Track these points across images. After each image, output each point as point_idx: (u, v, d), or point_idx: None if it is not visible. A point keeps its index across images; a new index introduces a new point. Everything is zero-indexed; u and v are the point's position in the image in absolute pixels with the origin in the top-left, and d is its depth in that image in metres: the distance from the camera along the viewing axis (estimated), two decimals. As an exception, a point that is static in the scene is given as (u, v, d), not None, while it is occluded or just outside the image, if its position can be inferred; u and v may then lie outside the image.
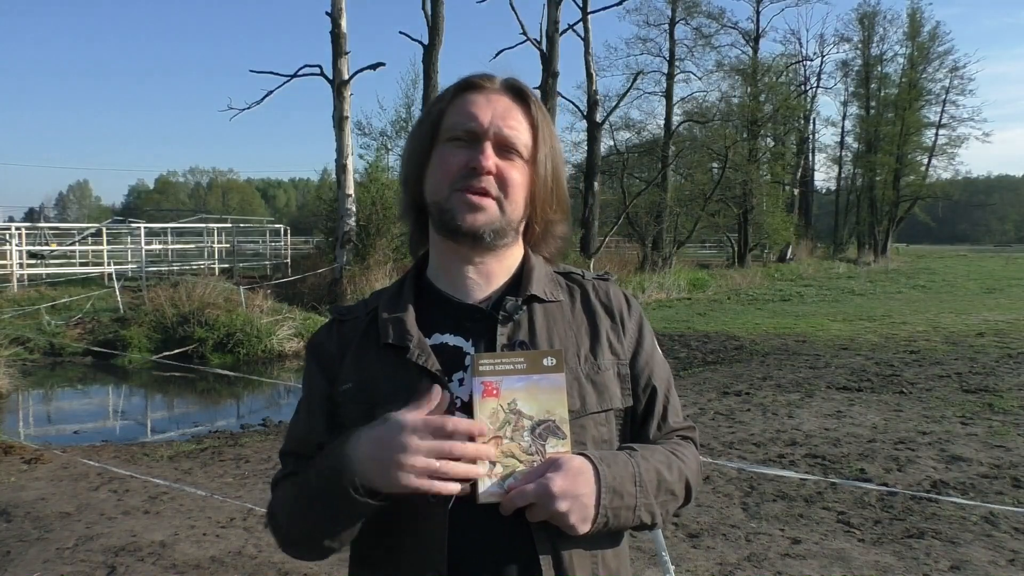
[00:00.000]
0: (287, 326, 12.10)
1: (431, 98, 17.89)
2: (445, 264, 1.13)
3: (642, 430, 1.15)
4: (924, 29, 41.74)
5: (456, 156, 1.07)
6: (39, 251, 20.25)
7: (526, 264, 1.15)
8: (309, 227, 31.58)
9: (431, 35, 17.56)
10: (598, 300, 1.17)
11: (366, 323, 1.13)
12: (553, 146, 1.13)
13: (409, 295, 1.13)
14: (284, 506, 1.08)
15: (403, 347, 1.06)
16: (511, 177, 1.08)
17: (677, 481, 1.10)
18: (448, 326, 1.10)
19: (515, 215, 1.10)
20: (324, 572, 3.70)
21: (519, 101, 1.12)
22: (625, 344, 1.15)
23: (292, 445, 1.15)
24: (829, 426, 6.40)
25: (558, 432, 1.00)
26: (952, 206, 55.82)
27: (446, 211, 1.07)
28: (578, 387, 1.07)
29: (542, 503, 0.95)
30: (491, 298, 1.12)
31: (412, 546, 1.00)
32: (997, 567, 3.61)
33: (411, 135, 1.17)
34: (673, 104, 30.90)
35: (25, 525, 4.36)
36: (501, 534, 0.99)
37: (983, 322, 13.33)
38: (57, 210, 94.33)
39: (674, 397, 1.20)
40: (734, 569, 3.66)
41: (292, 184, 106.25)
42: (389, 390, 1.05)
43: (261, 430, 7.10)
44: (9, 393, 8.93)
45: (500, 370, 0.99)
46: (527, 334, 1.08)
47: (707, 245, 40.73)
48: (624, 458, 1.04)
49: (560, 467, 0.97)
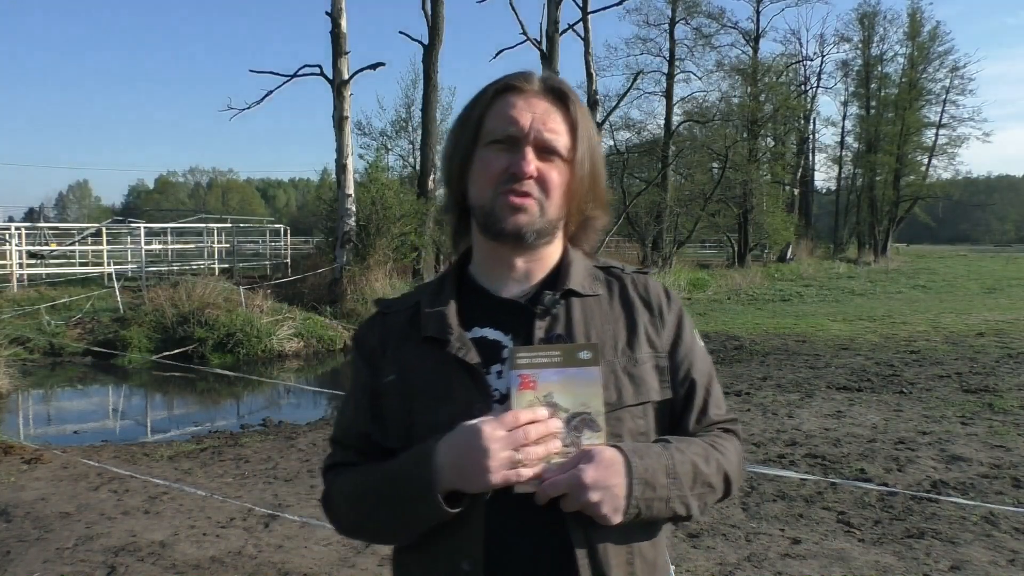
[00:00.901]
0: (287, 326, 12.10)
1: (432, 98, 18.04)
2: (487, 261, 1.17)
3: (681, 422, 1.17)
4: (924, 29, 41.78)
5: (498, 160, 1.10)
6: (39, 251, 20.25)
7: (565, 259, 1.18)
8: (309, 227, 31.60)
9: (431, 35, 17.56)
10: (636, 294, 1.19)
11: (408, 316, 1.17)
12: (591, 143, 1.15)
13: (451, 289, 1.17)
14: (346, 499, 1.14)
15: (443, 340, 1.10)
16: (551, 178, 1.11)
17: (715, 473, 1.11)
18: (487, 320, 1.13)
19: (556, 215, 1.13)
20: (324, 572, 3.70)
21: (558, 102, 1.14)
22: (664, 337, 1.17)
23: (340, 433, 1.21)
24: (829, 426, 6.40)
25: (593, 424, 1.02)
26: (952, 206, 55.80)
27: (489, 214, 1.11)
28: (615, 380, 1.08)
29: (574, 493, 0.98)
30: (530, 292, 1.15)
31: (451, 533, 1.03)
32: (997, 567, 3.61)
33: (451, 136, 1.19)
34: (673, 104, 30.92)
35: (25, 525, 4.36)
36: (536, 523, 1.02)
37: (983, 322, 13.33)
38: (57, 210, 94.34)
39: (716, 389, 1.20)
40: (734, 569, 3.65)
41: (292, 184, 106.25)
42: (429, 382, 1.09)
43: (261, 430, 7.10)
44: (9, 393, 8.93)
45: (537, 363, 1.01)
46: (564, 328, 1.10)
47: (707, 245, 40.73)
48: (658, 450, 1.06)
49: (592, 458, 0.99)
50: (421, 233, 16.73)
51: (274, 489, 5.05)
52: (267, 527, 4.30)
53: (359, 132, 27.27)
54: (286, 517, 4.43)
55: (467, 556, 1.02)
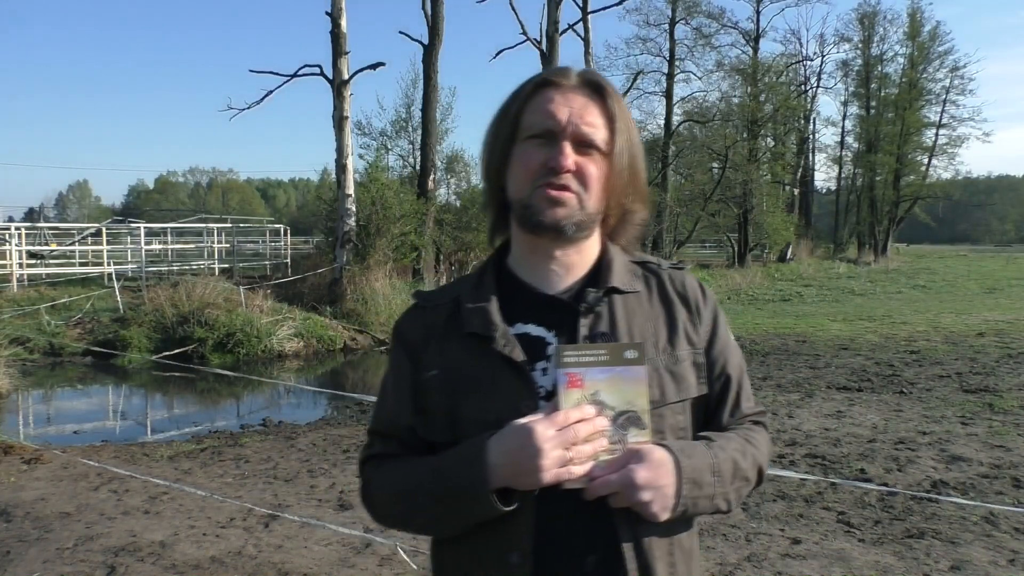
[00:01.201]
0: (287, 326, 12.10)
1: (432, 98, 18.04)
2: (527, 256, 1.17)
3: (715, 416, 1.19)
4: (924, 29, 41.72)
5: (536, 155, 1.11)
6: (39, 251, 20.24)
7: (605, 255, 1.18)
8: (309, 227, 31.62)
9: (431, 35, 17.56)
10: (674, 290, 1.20)
11: (449, 311, 1.17)
12: (630, 136, 1.16)
13: (491, 284, 1.17)
14: (390, 492, 1.15)
15: (487, 336, 1.10)
16: (589, 172, 1.11)
17: (751, 468, 1.14)
18: (530, 316, 1.13)
19: (594, 208, 1.13)
20: (324, 572, 3.70)
21: (595, 95, 1.14)
22: (701, 333, 1.18)
23: (381, 425, 1.21)
24: (829, 426, 6.40)
25: (639, 423, 1.03)
26: (952, 206, 55.80)
27: (528, 207, 1.11)
28: (657, 378, 1.10)
29: (625, 492, 1.00)
30: (572, 289, 1.15)
31: (500, 525, 1.04)
32: (997, 567, 3.61)
33: (490, 131, 1.19)
34: (673, 104, 30.94)
35: (25, 525, 4.36)
36: (584, 518, 1.04)
37: (983, 322, 13.33)
38: (57, 210, 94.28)
39: (746, 383, 1.23)
40: (734, 569, 3.65)
41: (292, 184, 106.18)
42: (473, 378, 1.09)
43: (261, 430, 7.10)
44: (9, 393, 8.93)
45: (584, 362, 1.02)
46: (608, 325, 1.11)
47: (707, 245, 40.73)
48: (703, 449, 1.09)
49: (643, 459, 1.01)
50: (421, 233, 16.73)
51: (274, 489, 5.05)
52: (267, 527, 4.30)
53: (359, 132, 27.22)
54: (286, 517, 4.43)
55: (516, 548, 1.04)
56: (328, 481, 5.21)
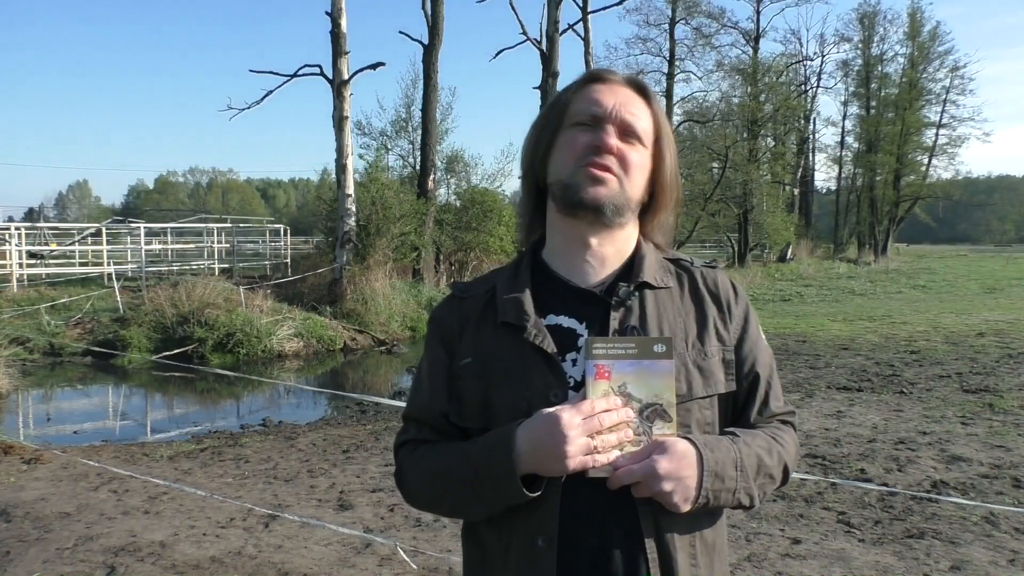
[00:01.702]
0: (287, 326, 12.10)
1: (432, 98, 18.04)
2: (562, 245, 1.19)
3: (743, 414, 1.21)
4: (924, 29, 41.77)
5: (582, 137, 1.14)
6: (39, 251, 20.24)
7: (638, 251, 1.21)
8: (309, 227, 31.59)
9: (431, 35, 17.56)
10: (705, 288, 1.22)
11: (485, 301, 1.20)
12: (672, 139, 1.22)
13: (526, 275, 1.20)
14: (423, 476, 1.17)
15: (520, 327, 1.13)
16: (631, 158, 1.15)
17: (776, 465, 1.16)
18: (562, 308, 1.16)
19: (634, 194, 1.17)
20: (324, 572, 3.70)
21: (641, 94, 1.19)
22: (731, 331, 1.20)
23: (416, 412, 1.23)
24: (829, 426, 6.40)
25: (665, 415, 1.05)
26: (952, 206, 55.79)
27: (569, 186, 1.14)
28: (685, 372, 1.12)
29: (648, 482, 1.02)
30: (605, 282, 1.17)
31: (528, 510, 1.06)
32: (997, 567, 3.61)
33: (535, 124, 1.23)
34: (673, 104, 30.91)
35: (25, 525, 4.36)
36: (607, 507, 1.06)
37: (983, 322, 13.33)
38: (57, 210, 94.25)
39: (776, 383, 1.24)
40: (734, 569, 3.65)
41: (292, 184, 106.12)
42: (506, 367, 1.12)
43: (261, 430, 7.10)
44: (9, 393, 8.93)
45: (612, 354, 1.05)
46: (638, 319, 1.13)
47: (707, 245, 40.68)
48: (727, 443, 1.10)
49: (666, 450, 1.03)
50: (421, 233, 16.73)
51: (274, 489, 5.05)
52: (267, 527, 4.30)
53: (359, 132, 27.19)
54: (286, 517, 4.43)
55: (542, 533, 1.06)
56: (328, 481, 5.21)
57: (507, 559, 1.11)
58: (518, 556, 1.09)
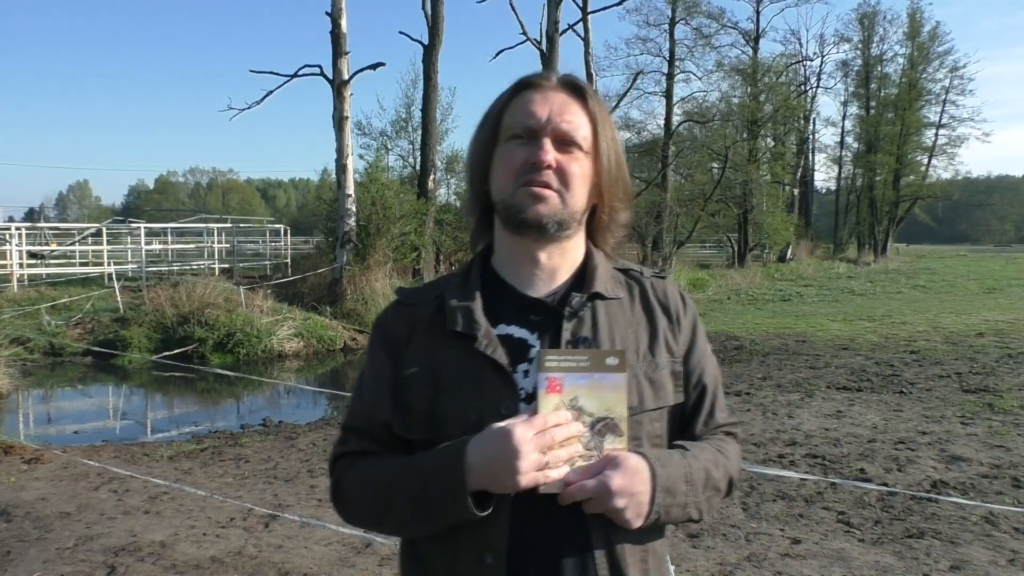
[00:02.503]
0: (287, 326, 12.10)
1: (432, 98, 18.04)
2: (511, 257, 1.17)
3: (690, 425, 1.20)
4: (924, 29, 41.75)
5: (517, 153, 1.11)
6: (39, 251, 20.24)
7: (589, 261, 1.19)
8: (309, 227, 31.57)
9: (431, 35, 17.55)
10: (655, 298, 1.21)
11: (433, 309, 1.16)
12: (613, 136, 1.17)
13: (476, 284, 1.17)
14: (364, 490, 1.12)
15: (471, 336, 1.10)
16: (571, 170, 1.11)
17: (722, 478, 1.15)
18: (513, 318, 1.13)
19: (577, 206, 1.13)
20: (324, 572, 3.70)
21: (576, 96, 1.15)
22: (680, 342, 1.19)
23: (356, 422, 1.18)
24: (829, 426, 6.40)
25: (616, 430, 1.03)
26: (952, 206, 55.89)
27: (512, 206, 1.11)
28: (636, 384, 1.10)
29: (600, 498, 1.00)
30: (556, 293, 1.15)
31: (476, 527, 1.03)
32: (997, 567, 3.61)
33: (473, 137, 1.20)
34: (673, 104, 30.89)
35: (25, 525, 4.36)
36: (558, 523, 1.04)
37: (983, 322, 13.33)
38: (57, 210, 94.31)
39: (721, 394, 1.24)
40: (734, 569, 3.65)
41: (292, 184, 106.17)
42: (455, 377, 1.09)
43: (261, 430, 7.10)
44: (9, 393, 8.93)
45: (564, 367, 1.03)
46: (590, 330, 1.11)
47: (707, 245, 40.69)
48: (678, 458, 1.09)
49: (618, 465, 1.01)
50: (421, 233, 16.73)
51: (274, 489, 5.06)
52: (267, 527, 4.30)
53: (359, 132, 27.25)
54: (286, 517, 4.43)
55: (491, 550, 1.04)
56: (328, 481, 5.21)
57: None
58: (466, 573, 1.06)
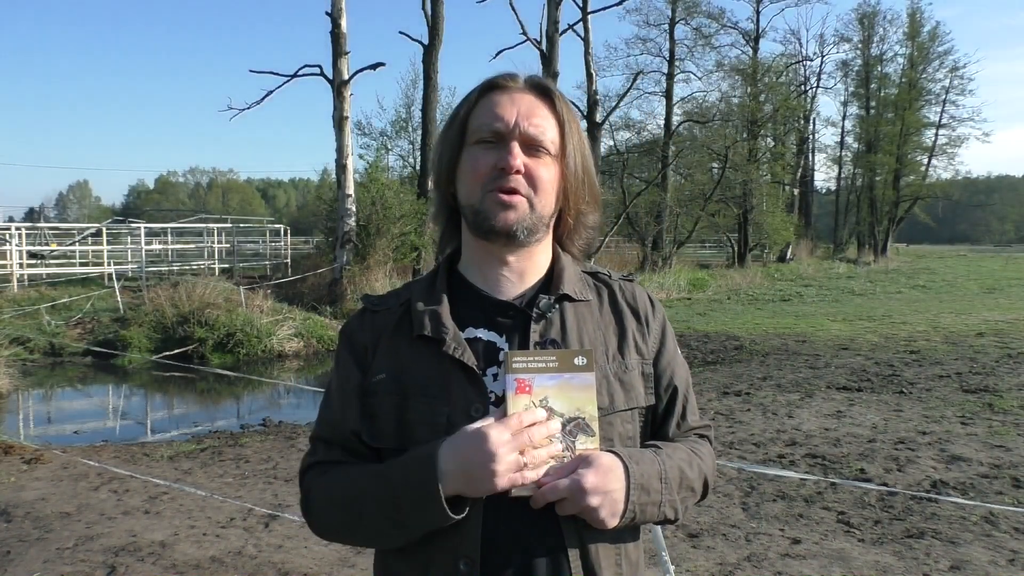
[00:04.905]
0: (287, 326, 12.11)
1: (432, 98, 18.03)
2: (478, 261, 1.16)
3: (662, 427, 1.20)
4: (924, 29, 41.78)
5: (485, 158, 1.09)
6: (39, 251, 20.24)
7: (557, 263, 1.18)
8: (309, 227, 31.61)
9: (431, 35, 17.55)
10: (624, 301, 1.20)
11: (399, 314, 1.15)
12: (580, 139, 1.15)
13: (443, 288, 1.15)
14: (334, 501, 1.10)
15: (439, 340, 1.08)
16: (539, 174, 1.10)
17: (697, 478, 1.15)
18: (481, 321, 1.12)
19: (545, 211, 1.12)
20: (324, 572, 3.70)
21: (543, 98, 1.13)
22: (649, 344, 1.19)
23: (325, 431, 1.16)
24: (829, 426, 6.40)
25: (588, 429, 1.02)
26: (952, 206, 55.77)
27: (479, 212, 1.09)
28: (607, 385, 1.10)
29: (574, 498, 0.99)
30: (525, 295, 1.14)
31: (448, 534, 1.02)
32: (997, 567, 3.61)
33: (439, 139, 1.18)
34: (673, 104, 30.92)
35: (25, 525, 4.36)
36: (531, 526, 1.03)
37: (983, 322, 13.33)
38: (57, 210, 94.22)
39: (692, 396, 1.24)
40: (734, 569, 3.66)
41: (292, 184, 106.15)
42: (423, 382, 1.08)
43: (261, 430, 7.10)
44: (9, 393, 8.94)
45: (533, 368, 1.02)
46: (559, 332, 1.11)
47: (707, 245, 40.71)
48: (651, 456, 1.08)
49: (591, 464, 1.00)
50: (421, 233, 16.73)
51: (274, 489, 5.06)
52: (267, 527, 4.30)
53: (359, 132, 27.29)
54: (286, 517, 4.43)
55: (464, 557, 1.02)
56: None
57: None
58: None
